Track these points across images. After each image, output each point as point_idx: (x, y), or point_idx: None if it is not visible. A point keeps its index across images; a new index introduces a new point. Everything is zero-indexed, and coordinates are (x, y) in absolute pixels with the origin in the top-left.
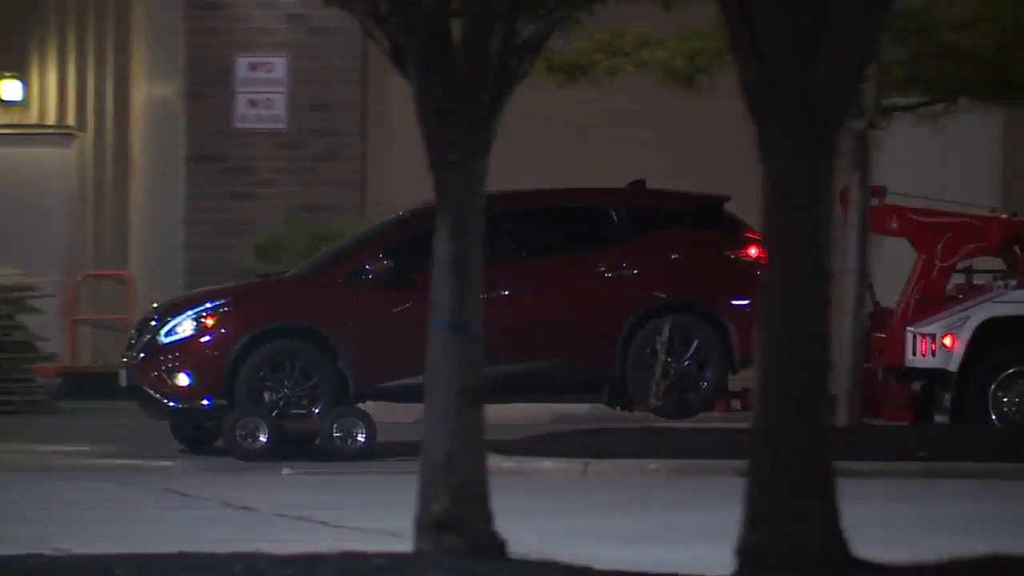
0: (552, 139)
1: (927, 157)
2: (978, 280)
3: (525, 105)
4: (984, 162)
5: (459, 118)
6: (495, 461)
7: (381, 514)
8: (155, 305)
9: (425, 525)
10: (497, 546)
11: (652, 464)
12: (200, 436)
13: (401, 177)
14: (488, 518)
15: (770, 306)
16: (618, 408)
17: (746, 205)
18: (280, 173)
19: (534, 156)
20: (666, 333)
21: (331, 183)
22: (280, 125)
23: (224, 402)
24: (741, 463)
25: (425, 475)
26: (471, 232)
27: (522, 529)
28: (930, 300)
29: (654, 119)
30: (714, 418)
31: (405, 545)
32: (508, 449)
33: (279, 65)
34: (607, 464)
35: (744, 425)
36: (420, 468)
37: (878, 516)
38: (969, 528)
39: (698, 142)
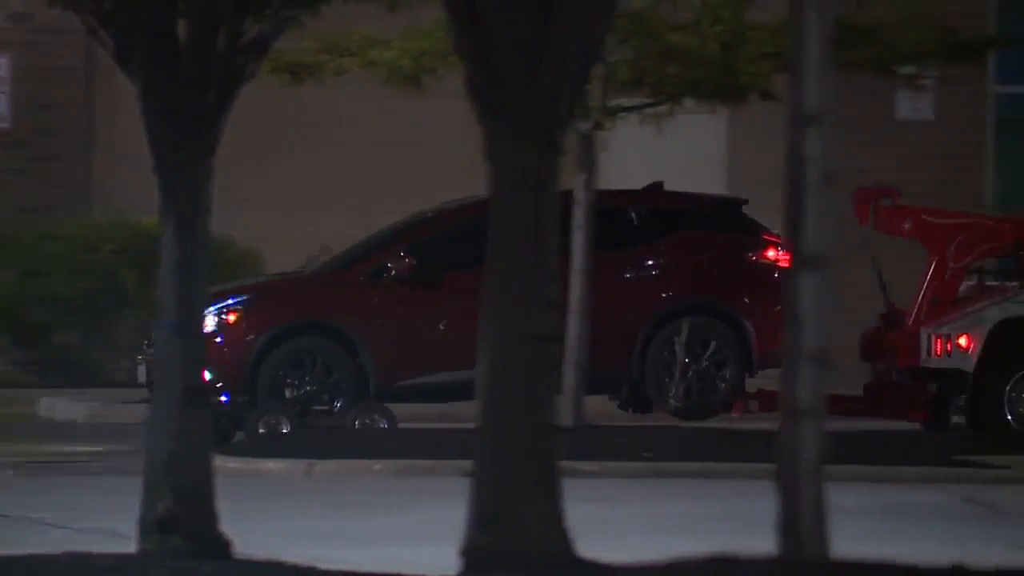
0: (283, 139)
1: (653, 157)
2: (989, 281)
3: (256, 106)
4: (709, 162)
5: (185, 119)
6: (219, 461)
7: (105, 515)
8: None
9: (149, 526)
10: (222, 547)
11: (377, 464)
12: (216, 433)
13: (128, 177)
14: (213, 518)
15: (494, 305)
16: (629, 411)
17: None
18: (5, 174)
19: (264, 156)
20: (685, 334)
21: (57, 183)
22: (4, 125)
23: (243, 398)
24: (465, 463)
25: (148, 476)
26: (197, 234)
27: (248, 530)
28: (943, 301)
29: (385, 119)
30: (432, 418)
31: (129, 546)
32: (232, 450)
33: (2, 65)
34: (332, 464)
35: (468, 426)
36: (144, 469)
37: (603, 516)
38: (694, 528)
39: (426, 142)
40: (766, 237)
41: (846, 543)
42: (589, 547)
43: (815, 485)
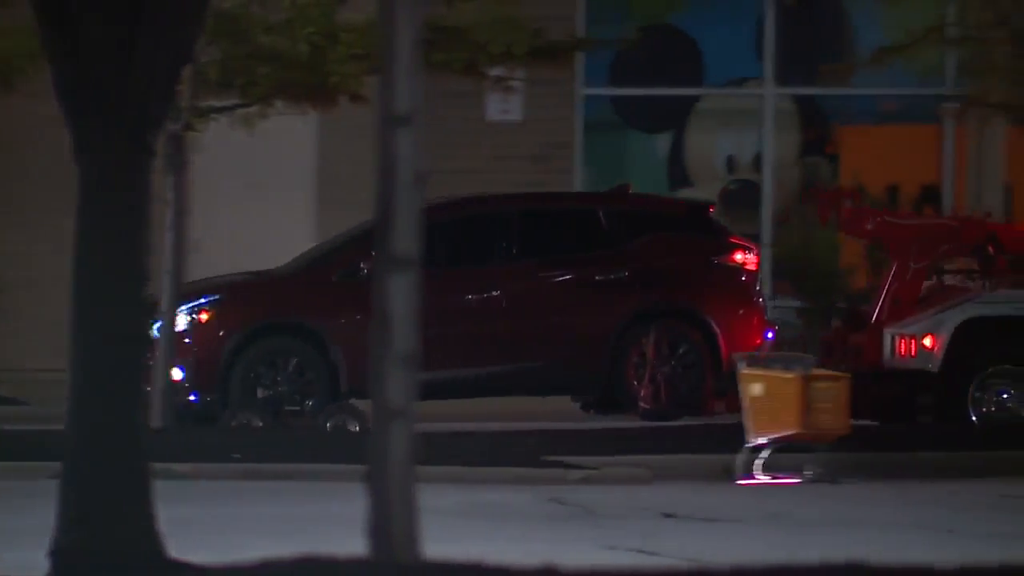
0: None
1: (246, 157)
2: (950, 281)
3: None
4: (301, 163)
5: None
6: None
7: None
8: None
9: None
10: None
11: None
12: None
13: None
14: None
15: (84, 305)
16: (591, 411)
17: (58, 205)
18: None
19: None
20: (654, 337)
21: None
22: None
23: (210, 397)
24: (55, 465)
25: None
26: None
27: None
28: (905, 302)
29: None
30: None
31: None
32: None
33: None
34: None
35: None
36: None
37: (195, 517)
38: (286, 529)
39: (17, 143)
40: (733, 240)
41: (438, 544)
42: (181, 548)
43: (406, 486)
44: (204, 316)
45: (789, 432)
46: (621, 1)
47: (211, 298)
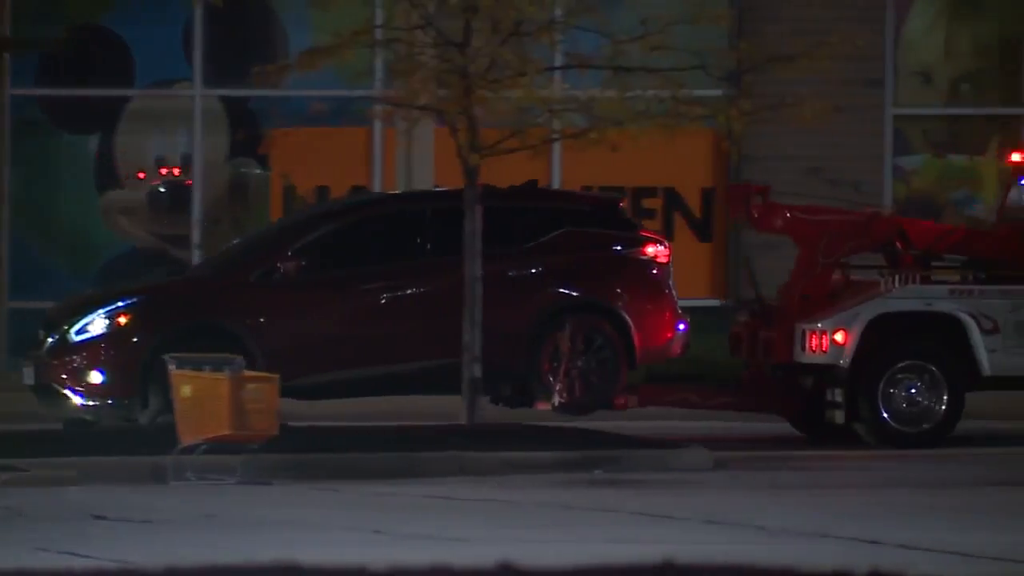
0: None
1: None
2: (856, 276)
3: None
4: None
5: None
6: None
7: None
8: (58, 303)
9: None
10: None
11: None
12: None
13: None
14: None
15: None
16: (499, 405)
17: None
18: None
19: None
20: (569, 331)
21: None
22: None
23: (127, 401)
24: None
25: None
26: None
27: None
28: (813, 297)
29: None
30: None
31: None
32: None
33: None
34: None
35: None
36: None
37: None
38: None
39: None
40: (644, 234)
41: None
42: None
43: None
44: (122, 319)
45: (220, 433)
46: (48, 0)
47: (129, 301)
